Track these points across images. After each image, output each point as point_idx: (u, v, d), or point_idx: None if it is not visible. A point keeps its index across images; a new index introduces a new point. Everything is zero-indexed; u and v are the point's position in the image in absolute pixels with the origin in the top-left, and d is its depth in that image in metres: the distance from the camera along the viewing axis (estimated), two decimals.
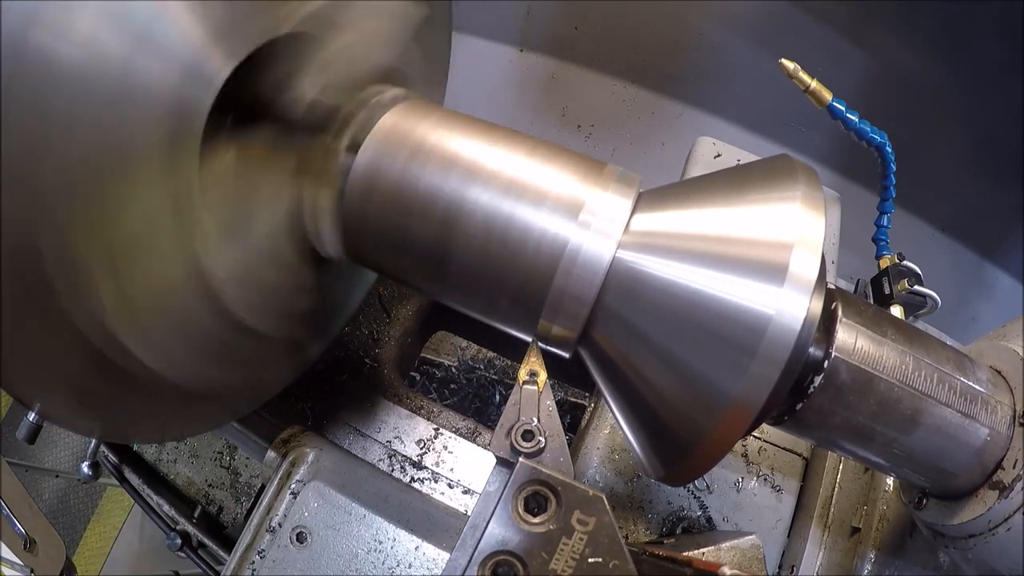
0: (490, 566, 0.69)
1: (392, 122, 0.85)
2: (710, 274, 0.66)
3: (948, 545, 0.87)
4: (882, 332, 0.75)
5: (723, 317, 0.63)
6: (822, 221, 0.64)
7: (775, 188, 0.68)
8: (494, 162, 0.79)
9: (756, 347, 0.60)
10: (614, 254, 0.72)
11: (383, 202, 0.82)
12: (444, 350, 1.98)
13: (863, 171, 1.99)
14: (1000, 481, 0.80)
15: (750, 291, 0.63)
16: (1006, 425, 0.80)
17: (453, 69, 1.27)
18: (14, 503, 1.80)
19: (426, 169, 0.80)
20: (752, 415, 0.61)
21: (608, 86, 2.09)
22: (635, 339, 0.71)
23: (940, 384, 0.77)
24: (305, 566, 1.03)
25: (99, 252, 0.70)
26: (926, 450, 0.78)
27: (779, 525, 1.18)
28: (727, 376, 0.62)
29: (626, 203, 0.75)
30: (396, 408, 1.31)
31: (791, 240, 0.62)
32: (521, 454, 0.74)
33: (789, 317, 0.60)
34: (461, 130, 0.84)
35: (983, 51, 1.78)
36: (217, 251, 0.83)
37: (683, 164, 1.49)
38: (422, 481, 1.23)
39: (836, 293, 0.77)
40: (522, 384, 0.79)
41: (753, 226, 0.66)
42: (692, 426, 0.66)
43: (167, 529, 1.53)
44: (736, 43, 1.94)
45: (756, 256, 0.64)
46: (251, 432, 1.33)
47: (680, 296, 0.67)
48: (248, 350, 0.99)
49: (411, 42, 1.05)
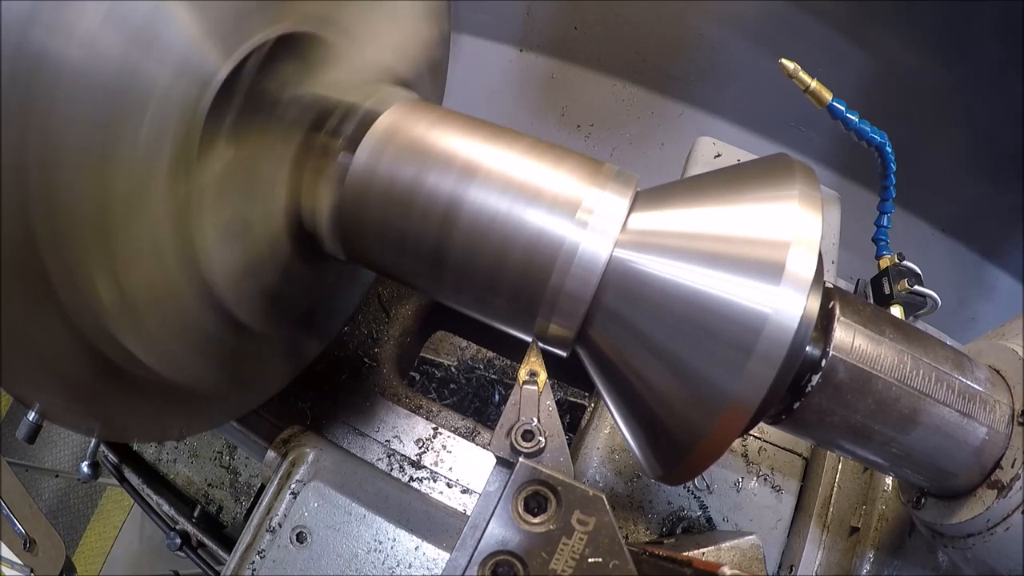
0: (490, 566, 0.69)
1: (390, 121, 0.86)
2: (707, 273, 0.66)
3: (947, 545, 0.86)
4: (880, 331, 0.75)
5: (720, 315, 0.63)
6: (819, 220, 0.64)
7: (772, 187, 0.68)
8: (492, 161, 0.79)
9: (753, 345, 0.60)
10: (611, 253, 0.72)
11: (381, 200, 0.82)
12: (444, 350, 1.98)
13: (863, 171, 1.99)
14: (999, 480, 0.79)
15: (747, 290, 0.63)
16: (1004, 424, 0.80)
17: (453, 69, 1.27)
18: (14, 503, 1.80)
19: (424, 167, 0.80)
20: (749, 413, 0.61)
21: (608, 86, 2.09)
22: (632, 338, 0.71)
23: (938, 383, 0.77)
24: (305, 566, 1.03)
25: (97, 252, 0.70)
26: (924, 449, 0.78)
27: (779, 525, 1.17)
28: (724, 374, 0.62)
29: (623, 202, 0.75)
30: (395, 408, 1.31)
31: (788, 239, 0.62)
32: (521, 454, 0.74)
33: (786, 315, 0.60)
34: (459, 129, 0.84)
35: (983, 50, 1.78)
36: (216, 250, 0.83)
37: (683, 164, 1.49)
38: (421, 480, 1.23)
39: (834, 292, 0.77)
40: (522, 384, 0.79)
41: (750, 225, 0.66)
42: (689, 425, 0.66)
43: (167, 529, 1.53)
44: (736, 43, 1.94)
45: (753, 255, 0.64)
46: (251, 432, 1.34)
47: (677, 295, 0.67)
48: (247, 349, 1.00)
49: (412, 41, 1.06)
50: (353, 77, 0.92)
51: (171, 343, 0.85)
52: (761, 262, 0.63)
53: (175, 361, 0.87)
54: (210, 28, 0.71)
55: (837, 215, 1.44)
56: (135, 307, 0.77)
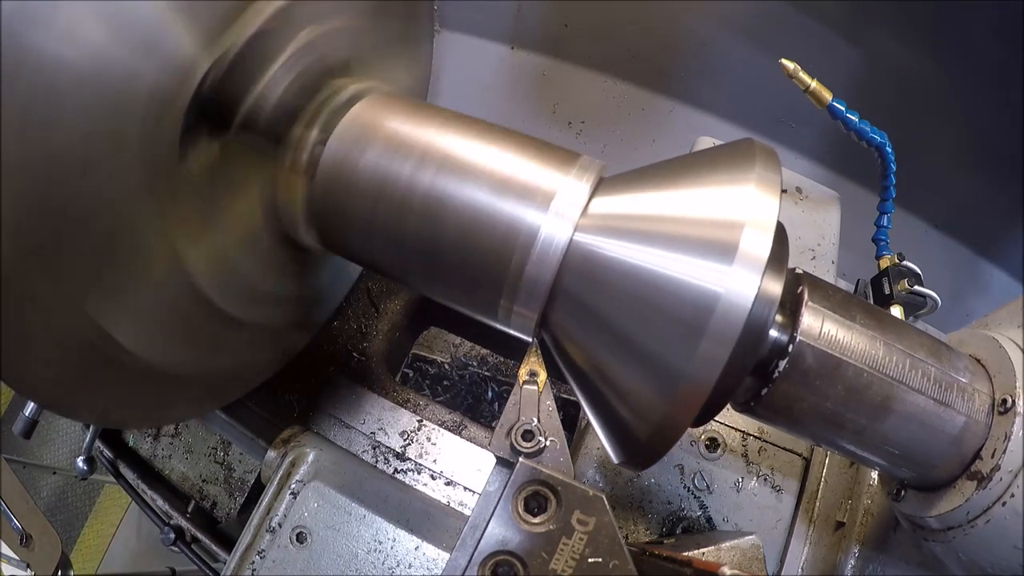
0: (490, 566, 0.69)
1: (359, 113, 0.87)
2: (663, 254, 0.66)
3: (927, 539, 0.85)
4: (851, 317, 0.75)
5: (675, 296, 0.63)
6: (776, 202, 0.64)
7: (732, 170, 0.68)
8: (455, 149, 0.80)
9: (705, 326, 0.60)
10: (571, 236, 0.73)
11: (349, 189, 0.83)
12: (437, 347, 1.99)
13: (857, 166, 1.98)
14: (978, 471, 0.78)
15: (700, 270, 0.63)
16: (984, 414, 0.79)
17: (445, 66, 1.28)
18: (11, 499, 1.82)
19: (390, 157, 0.81)
20: (704, 395, 0.61)
21: (599, 83, 2.09)
22: (592, 320, 0.71)
23: (912, 370, 0.76)
24: (305, 566, 1.03)
25: (83, 244, 0.72)
26: (899, 438, 0.77)
27: (779, 525, 1.16)
28: (678, 355, 0.62)
29: (585, 187, 0.76)
30: (381, 400, 1.32)
31: (742, 220, 0.62)
32: (521, 454, 0.75)
33: (738, 295, 0.60)
34: (425, 119, 0.85)
35: (979, 48, 1.77)
36: (197, 242, 0.85)
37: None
38: (405, 472, 1.23)
39: (803, 277, 0.77)
40: (522, 384, 0.80)
41: (707, 207, 0.66)
42: (646, 408, 0.65)
43: (161, 524, 1.54)
44: (727, 39, 1.94)
45: (707, 236, 0.64)
46: (244, 427, 1.35)
47: (635, 277, 0.67)
48: (230, 337, 1.01)
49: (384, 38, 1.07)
50: (328, 72, 0.94)
51: (155, 331, 0.87)
52: (715, 243, 0.62)
53: (159, 349, 0.89)
54: (190, 23, 0.73)
55: (837, 215, 1.43)
56: (119, 297, 0.79)
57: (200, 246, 0.86)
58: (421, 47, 1.27)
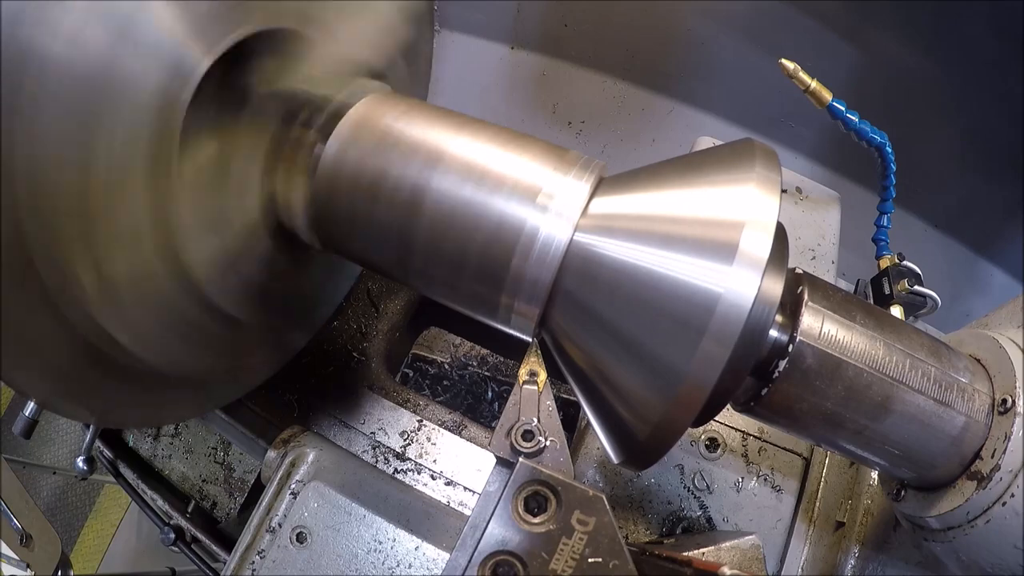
0: (490, 566, 0.69)
1: (360, 113, 0.87)
2: (664, 254, 0.66)
3: (927, 539, 0.85)
4: (851, 317, 0.75)
5: (675, 296, 0.63)
6: (776, 202, 0.64)
7: (732, 170, 0.68)
8: (456, 149, 0.80)
9: (706, 325, 0.60)
10: (571, 237, 0.73)
11: (350, 189, 0.83)
12: (437, 347, 1.99)
13: (857, 166, 1.99)
14: (978, 471, 0.78)
15: (701, 270, 0.63)
16: (984, 414, 0.79)
17: (445, 67, 1.28)
18: (11, 499, 1.82)
19: (390, 156, 0.81)
20: (704, 394, 0.61)
21: (598, 83, 2.09)
22: (592, 320, 0.71)
23: (912, 370, 0.76)
24: (305, 566, 1.03)
25: (79, 239, 0.72)
26: (899, 438, 0.77)
27: (779, 525, 1.16)
28: (679, 355, 0.62)
29: (585, 187, 0.76)
30: (381, 400, 1.32)
31: (742, 220, 0.62)
32: (521, 454, 0.75)
33: (738, 295, 0.60)
34: (426, 119, 0.85)
35: (976, 46, 1.77)
36: (195, 241, 0.85)
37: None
38: (405, 472, 1.23)
39: (803, 277, 0.77)
40: (522, 384, 0.80)
41: (707, 207, 0.66)
42: (646, 407, 0.66)
43: (161, 524, 1.54)
44: (726, 39, 1.94)
45: (708, 236, 0.64)
46: (244, 427, 1.35)
47: (635, 277, 0.67)
48: (229, 337, 1.01)
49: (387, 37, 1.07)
50: (328, 71, 0.94)
51: (154, 331, 0.87)
52: (715, 243, 0.62)
53: (158, 348, 0.89)
54: (191, 24, 0.73)
55: (837, 215, 1.43)
56: (118, 296, 0.79)
57: (199, 246, 0.86)
58: (421, 47, 1.27)
